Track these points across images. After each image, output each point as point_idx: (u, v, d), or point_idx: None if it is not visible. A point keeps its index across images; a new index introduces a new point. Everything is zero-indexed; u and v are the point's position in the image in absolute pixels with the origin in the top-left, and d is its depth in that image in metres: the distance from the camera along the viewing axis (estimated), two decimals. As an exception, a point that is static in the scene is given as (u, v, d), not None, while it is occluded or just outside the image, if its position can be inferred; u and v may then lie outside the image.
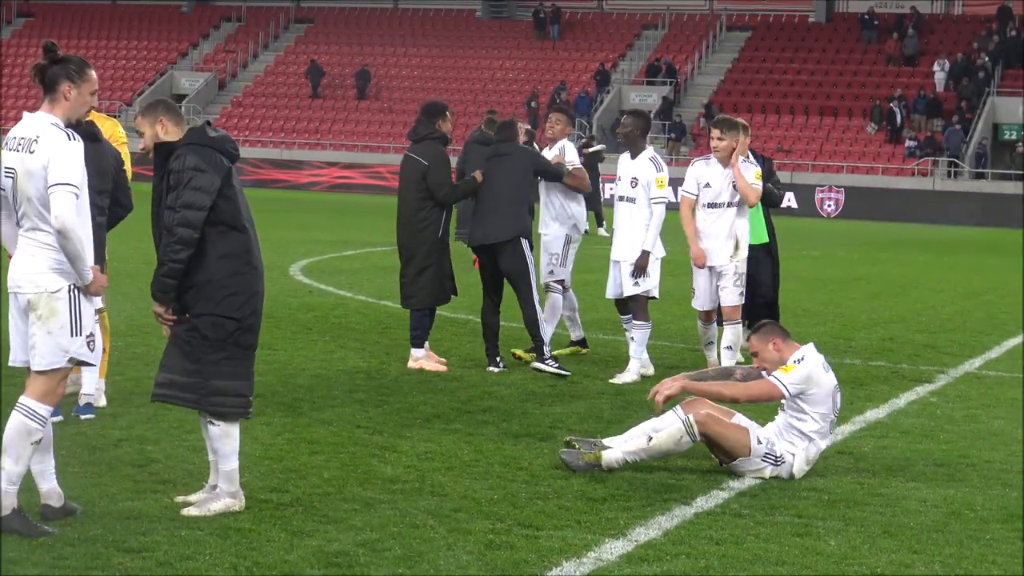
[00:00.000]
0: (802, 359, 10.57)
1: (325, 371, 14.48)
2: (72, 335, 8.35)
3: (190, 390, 8.91)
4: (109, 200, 11.48)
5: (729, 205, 14.40)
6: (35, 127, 8.35)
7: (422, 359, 14.74)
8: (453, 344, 16.40)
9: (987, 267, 33.04)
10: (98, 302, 11.61)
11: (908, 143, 60.34)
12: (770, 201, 15.78)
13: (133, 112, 67.40)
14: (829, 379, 10.63)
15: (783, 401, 10.62)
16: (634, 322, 14.75)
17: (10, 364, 8.60)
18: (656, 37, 71.37)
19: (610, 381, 14.43)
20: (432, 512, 9.14)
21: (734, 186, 14.31)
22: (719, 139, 14.49)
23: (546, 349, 14.74)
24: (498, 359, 14.91)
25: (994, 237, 47.80)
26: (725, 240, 14.41)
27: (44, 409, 8.36)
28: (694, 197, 14.54)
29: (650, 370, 14.80)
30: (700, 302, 14.70)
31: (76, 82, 8.46)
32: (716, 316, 14.73)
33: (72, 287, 8.34)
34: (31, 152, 8.27)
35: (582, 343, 16.16)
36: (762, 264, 15.86)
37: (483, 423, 12.09)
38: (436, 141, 14.89)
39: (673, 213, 14.58)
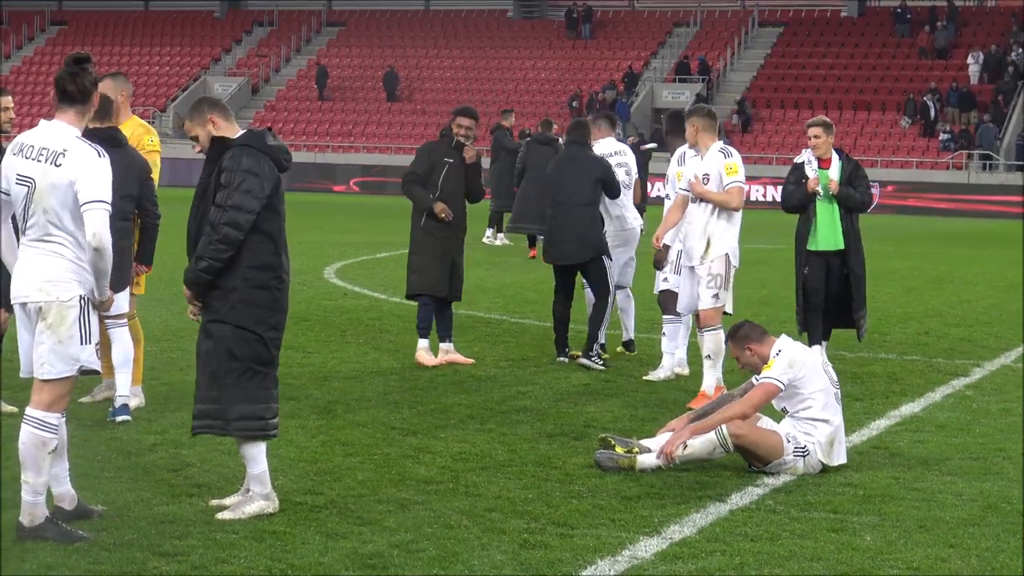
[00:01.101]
0: (780, 351, 10.69)
1: (359, 373, 14.50)
2: (82, 343, 8.34)
3: (215, 416, 8.96)
4: (134, 205, 11.53)
5: (702, 201, 13.39)
6: (60, 139, 8.31)
7: (423, 351, 15.05)
8: (487, 344, 16.39)
9: (1020, 260, 32.88)
10: (124, 306, 11.72)
11: (942, 136, 60.11)
12: (849, 205, 14.91)
13: (167, 118, 67.71)
14: (812, 356, 10.82)
15: (782, 405, 10.65)
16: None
17: (22, 375, 8.60)
18: (688, 34, 71.28)
19: (644, 378, 14.43)
20: (466, 512, 9.14)
21: (704, 181, 13.35)
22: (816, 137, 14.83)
23: (596, 347, 15.12)
24: (566, 349, 15.41)
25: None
26: (699, 239, 13.38)
27: (54, 418, 8.35)
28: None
29: (685, 370, 14.76)
30: (682, 305, 13.80)
31: (94, 94, 8.50)
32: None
33: (83, 297, 8.33)
34: (57, 165, 8.22)
35: (628, 345, 16.25)
36: (832, 273, 14.98)
37: (517, 423, 12.09)
38: (442, 137, 15.29)
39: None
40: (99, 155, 8.30)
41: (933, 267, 29.48)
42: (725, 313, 13.48)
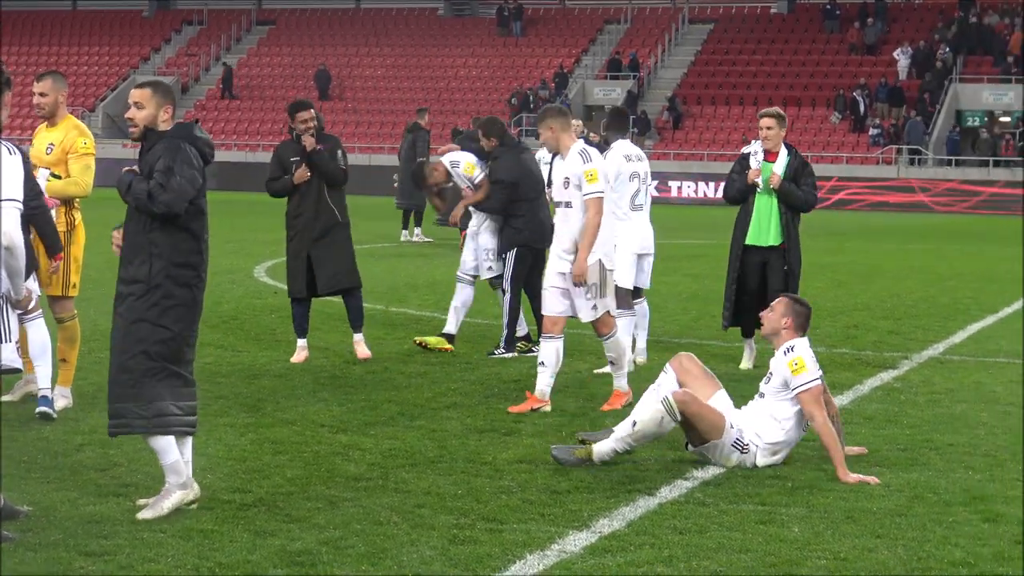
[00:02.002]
0: (792, 347, 10.70)
1: (288, 371, 14.46)
2: (2, 342, 8.27)
3: (133, 415, 8.82)
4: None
5: (566, 205, 12.73)
6: None
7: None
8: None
9: (952, 253, 33.17)
10: (46, 308, 11.62)
11: (871, 132, 60.50)
12: (790, 202, 14.54)
13: (96, 118, 67.26)
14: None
15: (769, 388, 10.67)
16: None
17: None
18: (619, 31, 71.43)
19: (596, 371, 14.53)
20: (395, 508, 9.13)
21: (564, 184, 12.67)
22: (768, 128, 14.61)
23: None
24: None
25: (959, 223, 47.95)
26: (569, 245, 12.67)
27: None
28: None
29: (642, 357, 15.16)
30: (546, 307, 12.97)
31: (9, 89, 8.43)
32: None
33: (1, 296, 8.26)
34: None
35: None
36: (770, 269, 14.62)
37: (447, 419, 12.08)
38: (284, 141, 15.22)
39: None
40: (10, 152, 8.24)
41: (863, 261, 29.68)
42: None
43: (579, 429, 11.59)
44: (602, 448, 10.45)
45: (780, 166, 14.53)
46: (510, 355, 15.51)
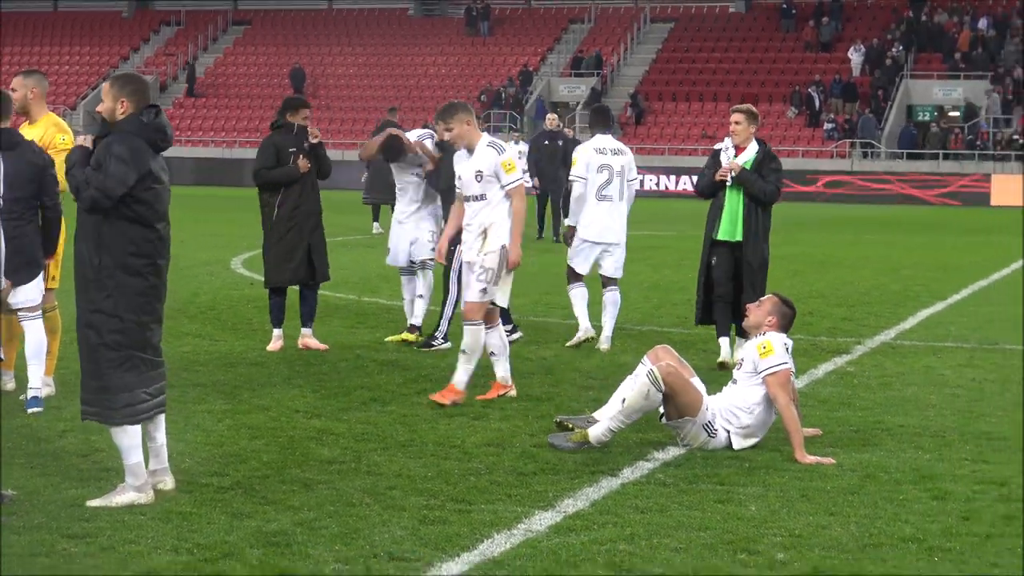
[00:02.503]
0: (764, 335, 10.78)
1: (264, 359, 14.44)
2: None
3: (99, 405, 8.78)
4: (28, 205, 11.33)
5: (477, 199, 12.37)
6: None
7: (279, 340, 15.02)
8: (389, 331, 16.32)
9: (903, 243, 33.28)
10: (36, 298, 11.60)
11: (826, 126, 60.66)
12: (749, 191, 13.89)
13: (78, 116, 67.00)
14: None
15: (741, 372, 10.72)
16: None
17: None
18: (583, 31, 71.45)
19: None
20: (368, 491, 9.14)
21: (477, 178, 12.30)
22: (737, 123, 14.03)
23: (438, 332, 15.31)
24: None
25: (910, 214, 48.12)
26: (476, 232, 12.39)
27: None
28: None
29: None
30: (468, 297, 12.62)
31: None
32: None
33: None
34: None
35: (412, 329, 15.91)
36: (724, 261, 14.08)
37: (417, 404, 12.08)
38: (275, 131, 15.01)
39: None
40: None
41: (818, 251, 29.77)
42: (495, 305, 12.49)
43: (544, 413, 11.63)
44: (597, 430, 10.46)
45: (744, 159, 13.96)
46: (447, 344, 15.12)
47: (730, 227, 14.03)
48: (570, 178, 15.87)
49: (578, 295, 15.60)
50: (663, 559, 7.81)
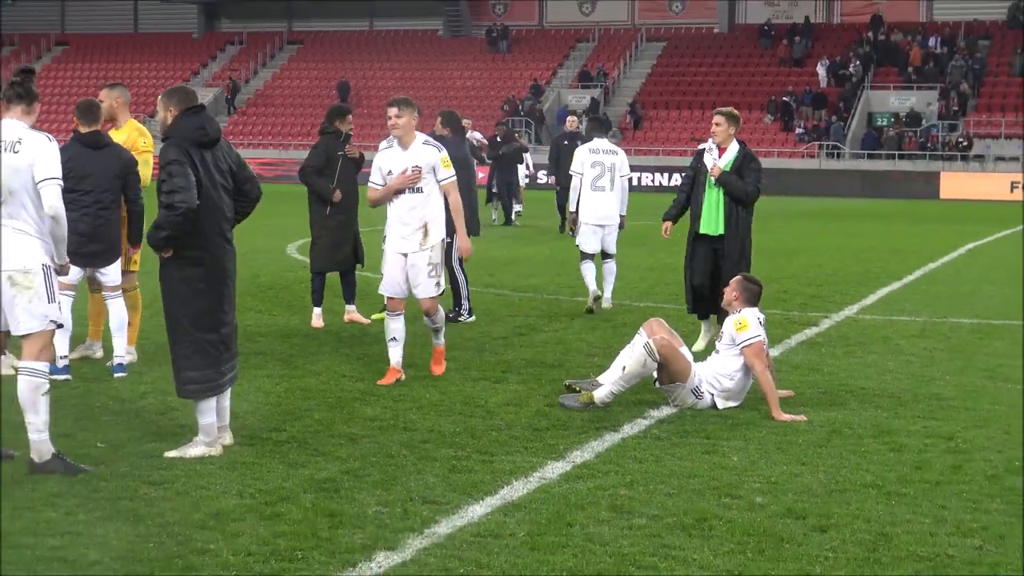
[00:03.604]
0: (740, 311, 10.79)
1: (315, 331, 14.44)
2: (49, 302, 8.28)
3: (191, 382, 8.76)
4: (115, 196, 11.39)
5: (414, 192, 11.40)
6: (14, 132, 8.24)
7: (319, 317, 14.87)
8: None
9: (865, 231, 33.18)
10: (117, 279, 11.63)
11: (798, 131, 60.43)
12: (729, 192, 12.98)
13: (155, 123, 66.99)
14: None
15: (721, 344, 10.69)
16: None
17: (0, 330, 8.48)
18: (588, 48, 71.19)
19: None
20: (405, 444, 9.15)
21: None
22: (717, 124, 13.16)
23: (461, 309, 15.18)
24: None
25: (870, 206, 47.97)
26: (416, 229, 11.42)
27: (42, 365, 8.27)
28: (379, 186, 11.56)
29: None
30: (387, 288, 11.63)
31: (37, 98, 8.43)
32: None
33: (44, 265, 8.25)
34: (16, 152, 8.16)
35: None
36: (703, 253, 13.19)
37: (447, 370, 12.07)
38: (326, 136, 14.91)
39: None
40: (49, 139, 8.28)
41: (791, 239, 29.68)
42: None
43: (555, 378, 11.63)
44: (601, 393, 10.47)
45: (725, 160, 13.11)
46: (472, 318, 15.20)
47: (712, 222, 13.06)
48: (570, 172, 16.92)
49: (588, 269, 16.45)
50: (658, 502, 7.81)
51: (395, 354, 11.62)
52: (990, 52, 63.06)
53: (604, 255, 16.70)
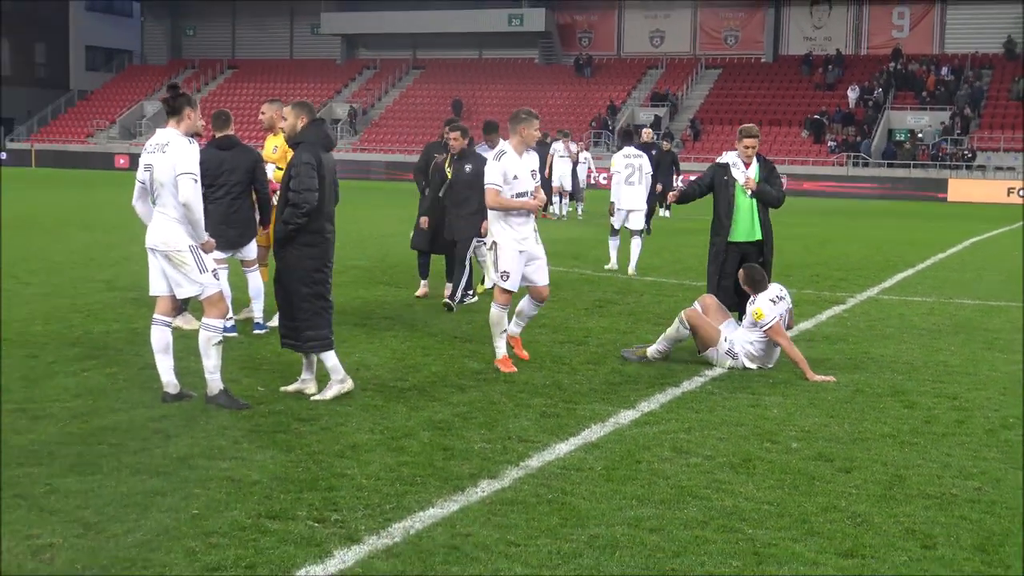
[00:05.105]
0: (754, 300, 10.64)
1: (433, 302, 14.49)
2: (200, 272, 8.42)
3: (292, 338, 8.80)
4: (244, 187, 11.40)
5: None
6: (165, 137, 8.45)
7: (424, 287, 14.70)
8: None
9: (884, 226, 32.66)
10: (252, 254, 11.63)
11: (829, 144, 59.59)
12: (765, 200, 11.79)
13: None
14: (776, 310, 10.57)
15: (746, 322, 10.60)
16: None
17: (151, 294, 8.61)
18: (657, 74, 70.68)
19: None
20: (504, 393, 9.17)
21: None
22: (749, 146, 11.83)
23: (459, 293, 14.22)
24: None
25: (889, 207, 47.22)
26: (532, 228, 10.43)
27: (216, 322, 8.44)
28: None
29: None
30: (514, 284, 10.31)
31: (195, 107, 8.48)
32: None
33: (191, 245, 8.40)
34: (164, 152, 8.36)
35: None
36: (748, 260, 11.63)
37: (539, 334, 12.07)
38: (435, 142, 14.75)
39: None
40: (190, 142, 8.40)
41: (822, 232, 29.27)
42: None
43: (627, 343, 11.58)
44: (651, 349, 10.62)
45: (753, 172, 12.02)
46: (473, 299, 14.38)
47: (747, 230, 11.76)
48: (611, 172, 18.74)
49: (613, 243, 18.64)
50: (711, 445, 7.76)
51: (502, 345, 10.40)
52: (992, 80, 61.82)
53: (632, 232, 18.32)
